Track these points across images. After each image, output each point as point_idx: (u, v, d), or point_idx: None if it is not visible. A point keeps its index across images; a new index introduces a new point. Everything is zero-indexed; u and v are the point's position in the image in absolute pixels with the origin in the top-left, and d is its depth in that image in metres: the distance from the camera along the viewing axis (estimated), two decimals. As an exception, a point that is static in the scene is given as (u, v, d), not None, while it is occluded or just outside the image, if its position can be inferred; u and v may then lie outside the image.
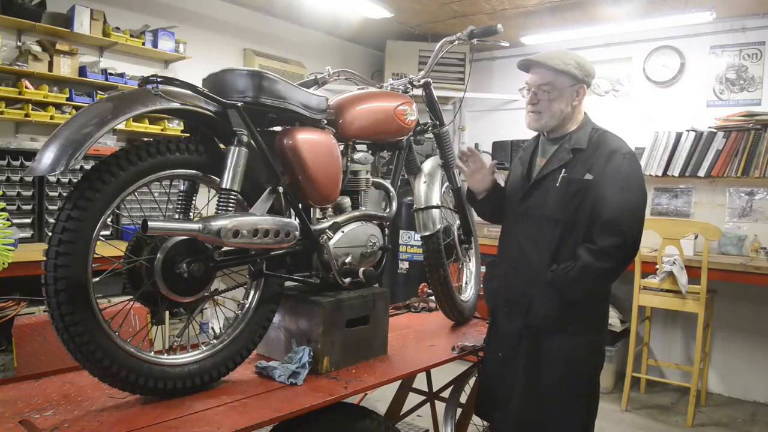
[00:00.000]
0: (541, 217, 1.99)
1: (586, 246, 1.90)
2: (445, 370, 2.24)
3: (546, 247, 1.97)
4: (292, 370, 1.69)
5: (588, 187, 1.91)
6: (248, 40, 4.91)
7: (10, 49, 3.54)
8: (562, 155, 1.99)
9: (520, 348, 2.00)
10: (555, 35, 4.89)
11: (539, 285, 1.96)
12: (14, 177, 3.39)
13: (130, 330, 2.16)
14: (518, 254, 2.04)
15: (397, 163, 2.24)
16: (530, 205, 2.03)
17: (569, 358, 1.95)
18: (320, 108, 1.85)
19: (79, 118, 1.35)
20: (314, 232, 1.82)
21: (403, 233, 5.11)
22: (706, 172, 4.44)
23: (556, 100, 1.98)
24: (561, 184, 1.95)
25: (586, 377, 2.01)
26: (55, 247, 1.30)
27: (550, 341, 1.96)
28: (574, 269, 1.89)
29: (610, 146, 1.95)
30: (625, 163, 1.91)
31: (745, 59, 4.54)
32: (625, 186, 1.89)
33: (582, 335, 1.96)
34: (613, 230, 1.86)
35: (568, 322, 1.94)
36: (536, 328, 1.97)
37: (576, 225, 1.93)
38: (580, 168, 1.94)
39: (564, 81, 1.97)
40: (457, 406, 2.49)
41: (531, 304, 1.97)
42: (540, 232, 1.99)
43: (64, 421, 1.36)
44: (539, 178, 2.02)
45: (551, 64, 1.96)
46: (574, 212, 1.93)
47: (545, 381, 1.96)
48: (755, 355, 4.44)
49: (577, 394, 1.99)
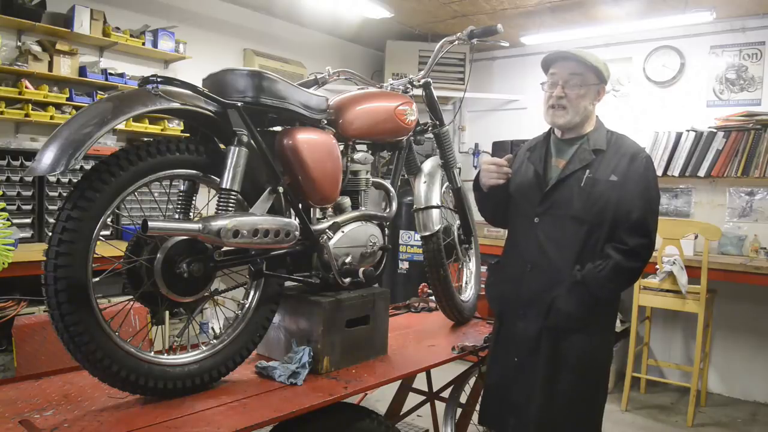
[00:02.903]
0: (564, 217, 1.96)
1: (615, 246, 1.91)
2: (445, 370, 2.24)
3: (569, 247, 1.95)
4: (292, 370, 1.69)
5: (613, 188, 1.92)
6: (248, 40, 4.91)
7: (10, 49, 3.54)
8: (583, 156, 1.97)
9: (540, 350, 1.96)
10: (555, 35, 4.89)
11: (562, 284, 1.93)
12: (14, 177, 3.39)
13: (130, 330, 2.16)
14: (537, 255, 1.99)
15: (397, 163, 2.23)
16: (553, 205, 1.98)
17: (588, 357, 1.97)
18: (320, 108, 1.84)
19: (79, 118, 1.34)
20: (314, 232, 1.82)
21: (403, 233, 5.11)
22: (706, 172, 4.44)
23: (584, 96, 1.96)
24: (586, 185, 1.93)
25: (598, 375, 2.04)
26: (55, 247, 1.30)
27: (569, 342, 1.94)
28: (606, 268, 1.89)
29: (631, 149, 1.98)
30: (645, 164, 1.95)
31: (745, 59, 4.54)
32: (648, 187, 1.94)
33: (599, 335, 2.00)
34: (642, 231, 1.91)
35: (589, 322, 1.95)
36: (556, 329, 1.94)
37: (601, 225, 1.93)
38: (604, 169, 1.94)
39: (592, 77, 1.96)
40: (457, 406, 2.49)
41: (553, 304, 1.93)
42: (563, 232, 1.96)
43: (64, 421, 1.36)
44: (563, 178, 1.97)
45: (584, 58, 1.95)
46: (600, 213, 1.93)
47: (564, 382, 1.95)
48: (755, 355, 4.44)
49: (595, 392, 2.02)
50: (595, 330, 1.98)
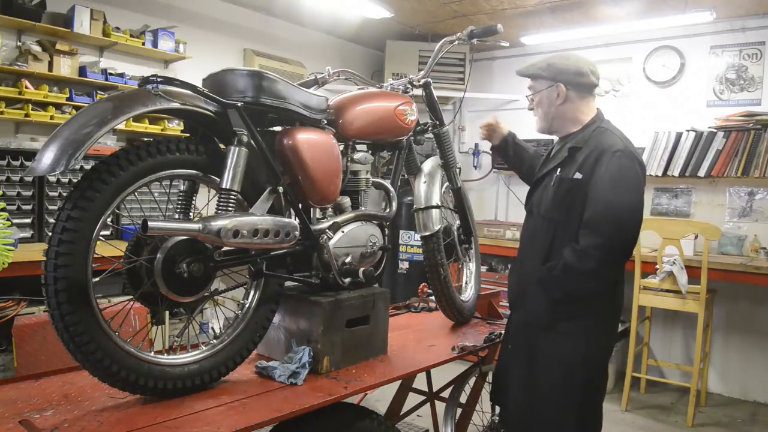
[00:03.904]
0: (538, 216, 2.06)
1: (571, 246, 1.89)
2: (445, 370, 2.24)
3: (540, 245, 2.01)
4: (292, 370, 1.69)
5: (578, 186, 1.90)
6: (248, 40, 4.91)
7: (10, 49, 3.54)
8: (560, 154, 2.03)
9: (520, 342, 2.07)
10: (555, 35, 4.89)
11: (532, 282, 2.00)
12: (14, 177, 3.39)
13: (130, 330, 2.16)
14: (523, 251, 2.14)
15: (397, 163, 2.23)
16: (532, 203, 2.12)
17: (562, 361, 1.94)
18: (320, 108, 1.84)
19: (79, 118, 1.34)
20: (314, 232, 1.82)
21: (403, 233, 5.11)
22: (706, 172, 4.44)
23: (540, 103, 2.10)
24: (555, 183, 1.99)
25: (579, 385, 1.95)
26: (55, 247, 1.30)
27: (546, 339, 1.98)
28: (556, 269, 1.90)
29: (603, 145, 1.91)
30: (614, 161, 1.86)
31: (745, 59, 4.54)
32: (611, 185, 1.84)
33: (577, 339, 1.93)
34: (593, 230, 1.84)
35: (557, 322, 1.95)
36: (531, 325, 2.03)
37: (568, 224, 1.93)
38: (572, 167, 1.95)
39: (540, 84, 2.08)
40: (457, 406, 2.48)
41: (525, 301, 2.04)
42: (536, 230, 2.06)
43: (64, 421, 1.36)
44: (539, 177, 2.10)
45: (524, 71, 2.11)
46: (566, 211, 1.94)
47: (538, 376, 2.00)
48: (755, 355, 4.44)
49: (569, 395, 1.95)
50: (567, 330, 1.93)
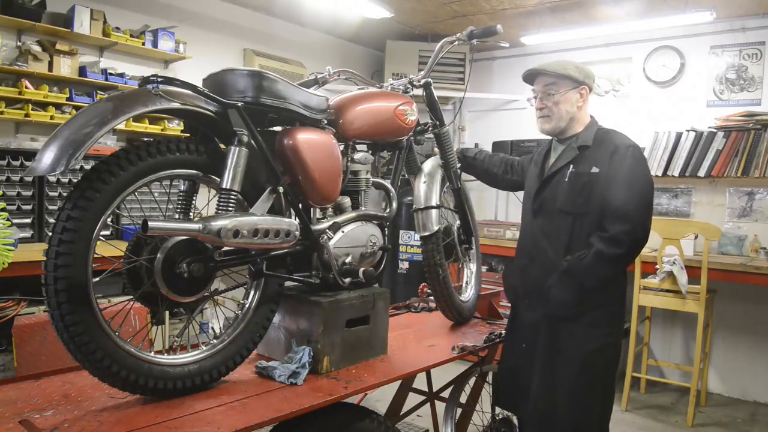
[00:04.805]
0: (553, 211, 2.14)
1: (598, 234, 2.02)
2: (445, 370, 2.24)
3: (559, 238, 2.11)
4: (292, 370, 1.69)
5: (595, 179, 2.05)
6: (248, 40, 4.91)
7: (10, 49, 3.54)
8: (569, 153, 2.15)
9: (540, 337, 2.12)
10: (555, 35, 4.89)
11: (555, 275, 2.07)
12: (14, 177, 3.39)
13: (130, 330, 2.16)
14: (535, 248, 2.18)
15: (397, 163, 2.23)
16: (543, 200, 2.18)
17: (584, 349, 2.05)
18: (320, 108, 1.84)
19: (79, 118, 1.34)
20: (314, 232, 1.82)
21: (403, 233, 5.11)
22: (706, 172, 4.44)
23: (562, 102, 2.14)
24: (570, 179, 2.10)
25: (601, 369, 2.09)
26: (55, 247, 1.30)
27: (568, 331, 2.07)
28: (588, 256, 2.01)
29: (615, 141, 2.09)
30: (628, 154, 2.04)
31: (745, 59, 4.55)
32: (630, 176, 2.01)
33: (598, 328, 2.07)
34: (622, 217, 1.98)
35: (584, 312, 2.05)
36: (555, 318, 2.08)
37: (586, 216, 2.06)
38: (586, 163, 2.09)
39: (566, 84, 2.13)
40: (457, 406, 2.48)
41: (549, 294, 2.08)
42: (553, 224, 2.13)
43: (64, 421, 1.36)
44: (550, 175, 2.18)
45: (551, 69, 2.14)
46: (584, 204, 2.06)
47: (560, 370, 2.07)
48: (755, 355, 4.44)
49: (592, 384, 2.08)
50: (591, 321, 2.06)
